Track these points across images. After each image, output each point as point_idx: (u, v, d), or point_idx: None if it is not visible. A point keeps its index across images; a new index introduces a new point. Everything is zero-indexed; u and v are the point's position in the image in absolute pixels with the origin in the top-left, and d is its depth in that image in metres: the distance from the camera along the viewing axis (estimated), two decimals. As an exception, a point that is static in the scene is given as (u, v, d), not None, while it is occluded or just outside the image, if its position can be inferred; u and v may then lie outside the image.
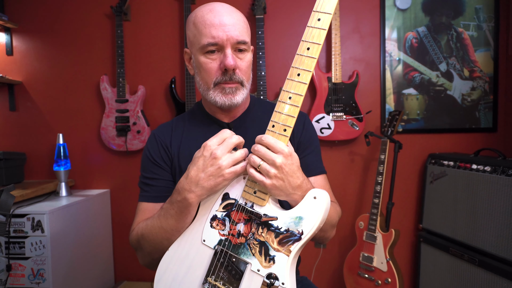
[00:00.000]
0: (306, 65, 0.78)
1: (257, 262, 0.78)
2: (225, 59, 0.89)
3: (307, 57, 0.78)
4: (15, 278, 1.77)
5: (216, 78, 0.91)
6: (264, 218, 0.80)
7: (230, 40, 0.89)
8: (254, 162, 0.78)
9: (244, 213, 0.82)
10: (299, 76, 0.78)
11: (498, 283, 1.58)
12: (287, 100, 0.78)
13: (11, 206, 1.17)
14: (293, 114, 0.78)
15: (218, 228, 0.83)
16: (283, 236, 0.77)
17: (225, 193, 0.85)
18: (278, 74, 2.20)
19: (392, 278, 1.84)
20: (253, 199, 0.81)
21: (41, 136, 2.34)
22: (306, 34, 0.78)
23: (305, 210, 0.77)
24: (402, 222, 2.18)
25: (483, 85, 2.11)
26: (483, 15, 2.09)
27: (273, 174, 0.76)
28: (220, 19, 0.88)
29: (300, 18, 2.17)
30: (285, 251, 0.77)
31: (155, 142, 1.03)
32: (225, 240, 0.82)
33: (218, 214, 0.84)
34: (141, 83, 2.23)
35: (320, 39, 0.77)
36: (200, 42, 0.90)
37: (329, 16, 0.76)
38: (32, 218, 1.76)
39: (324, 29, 0.76)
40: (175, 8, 2.23)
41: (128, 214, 2.31)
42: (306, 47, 0.78)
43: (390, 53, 2.15)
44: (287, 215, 0.78)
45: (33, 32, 2.30)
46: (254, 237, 0.80)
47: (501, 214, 1.60)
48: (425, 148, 2.15)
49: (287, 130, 0.78)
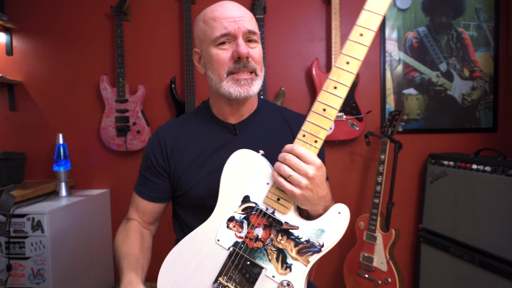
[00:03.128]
0: (344, 79, 0.76)
1: (273, 268, 0.78)
2: (238, 47, 0.89)
3: (346, 71, 0.76)
4: (15, 278, 1.77)
5: (228, 68, 0.91)
6: (285, 226, 0.80)
7: (242, 29, 0.90)
8: (284, 172, 0.76)
9: (265, 218, 0.81)
10: (336, 90, 0.76)
11: (498, 283, 1.57)
12: (321, 111, 0.77)
13: (11, 206, 1.17)
14: (326, 127, 0.76)
15: (235, 229, 0.83)
16: (302, 246, 0.78)
17: (246, 195, 0.83)
18: (278, 74, 2.20)
19: (392, 278, 1.84)
20: (276, 206, 0.80)
21: (41, 136, 2.34)
22: (346, 47, 0.75)
23: (328, 224, 0.78)
24: (402, 222, 2.18)
25: (483, 85, 2.11)
26: (483, 15, 2.09)
27: (305, 185, 0.76)
28: (230, 12, 0.91)
29: (300, 18, 2.17)
30: (304, 261, 0.77)
31: (158, 145, 1.03)
32: (241, 243, 0.81)
33: (236, 216, 0.83)
34: (141, 83, 2.23)
35: (361, 55, 0.75)
36: (212, 35, 0.91)
37: (373, 33, 0.74)
38: (32, 218, 1.76)
39: (366, 46, 0.74)
40: (175, 8, 2.23)
41: (128, 214, 2.31)
42: (345, 61, 0.75)
43: (390, 53, 2.15)
44: (309, 226, 0.79)
45: (33, 32, 2.30)
46: (272, 243, 0.80)
47: (501, 214, 1.60)
48: (425, 148, 2.15)
49: (318, 142, 0.77)
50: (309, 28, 2.18)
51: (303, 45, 2.19)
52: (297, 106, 2.15)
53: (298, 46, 2.19)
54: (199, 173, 0.99)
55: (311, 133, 0.77)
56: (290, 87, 2.18)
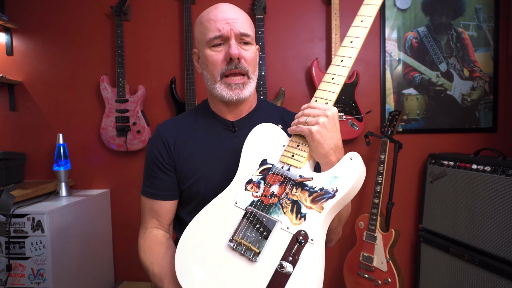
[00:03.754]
0: (349, 53, 0.89)
1: (287, 219, 0.78)
2: (229, 48, 0.93)
3: (350, 47, 0.89)
4: (15, 278, 1.77)
5: (221, 69, 0.94)
6: (299, 179, 0.81)
7: (234, 31, 0.93)
8: (302, 119, 0.83)
9: (280, 175, 0.84)
10: (342, 62, 0.89)
11: (498, 283, 1.58)
12: (330, 80, 0.88)
13: (11, 206, 1.17)
14: (335, 91, 0.86)
15: (252, 190, 0.85)
16: (316, 194, 0.78)
17: (264, 159, 0.88)
18: (278, 74, 2.20)
19: (392, 278, 1.84)
20: (290, 161, 0.84)
21: (41, 136, 2.34)
22: (350, 31, 0.91)
23: (341, 170, 0.79)
24: (402, 222, 2.18)
25: (483, 85, 2.11)
26: (483, 15, 2.09)
27: (322, 122, 0.80)
28: (223, 14, 0.94)
29: (300, 18, 2.17)
30: (318, 208, 0.77)
31: (160, 141, 1.03)
32: (257, 201, 0.83)
33: (254, 178, 0.86)
34: (141, 83, 2.23)
35: (363, 34, 0.90)
36: (207, 37, 0.95)
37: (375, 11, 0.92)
38: (32, 218, 1.76)
39: (366, 28, 0.91)
40: (175, 8, 2.23)
41: (128, 214, 2.31)
42: (349, 41, 0.90)
43: (390, 53, 2.15)
44: (322, 176, 0.80)
45: (33, 32, 2.30)
46: (287, 197, 0.80)
47: (501, 214, 1.60)
48: (425, 148, 2.15)
49: (329, 103, 0.85)
50: (309, 28, 2.18)
51: (303, 45, 2.19)
52: (297, 106, 2.15)
53: (298, 46, 2.19)
54: (200, 170, 1.00)
55: (322, 97, 0.86)
56: (290, 87, 2.18)
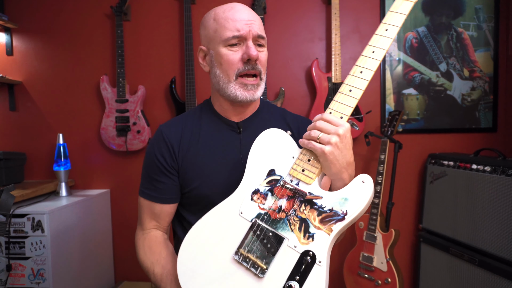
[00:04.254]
0: (369, 64, 0.85)
1: (295, 238, 0.77)
2: (249, 49, 0.93)
3: (371, 59, 0.85)
4: (15, 278, 1.77)
5: (238, 69, 0.94)
6: (309, 196, 0.80)
7: (253, 33, 0.94)
8: (314, 134, 0.80)
9: (288, 190, 0.82)
10: (362, 74, 0.85)
11: (498, 283, 1.58)
12: (348, 92, 0.84)
13: (11, 206, 1.17)
14: (352, 105, 0.83)
15: (259, 201, 0.83)
16: (326, 215, 0.77)
17: (271, 169, 0.85)
18: (278, 74, 2.20)
19: (392, 278, 1.84)
20: (300, 176, 0.82)
21: (41, 136, 2.34)
22: (373, 40, 0.85)
23: (351, 192, 0.78)
24: (402, 222, 2.18)
25: (483, 85, 2.11)
26: (483, 15, 2.09)
27: (334, 142, 0.78)
28: (242, 15, 0.95)
29: (300, 18, 2.17)
30: (327, 230, 0.76)
31: (164, 144, 1.01)
32: (264, 214, 0.81)
33: (260, 188, 0.84)
34: (141, 83, 2.23)
35: (386, 45, 0.85)
36: (223, 35, 0.94)
37: (401, 21, 0.85)
38: (32, 218, 1.76)
39: (391, 38, 0.84)
40: (175, 8, 2.23)
41: (128, 214, 2.31)
42: (371, 51, 0.85)
43: (390, 53, 2.15)
44: (333, 196, 0.79)
45: (33, 32, 2.30)
46: (295, 214, 0.79)
47: (501, 214, 1.60)
48: (425, 148, 2.15)
49: (344, 118, 0.82)
50: (309, 28, 2.18)
51: (303, 45, 2.19)
52: (297, 106, 2.16)
53: (298, 46, 2.19)
54: (205, 171, 0.99)
55: (337, 110, 0.83)
56: (290, 87, 2.18)
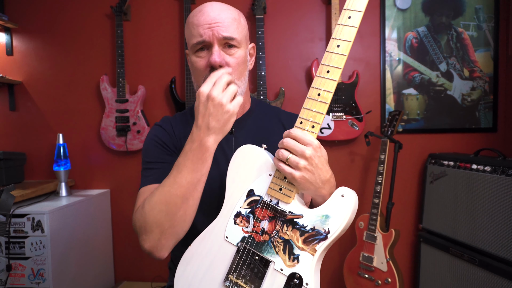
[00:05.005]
0: (336, 62, 0.77)
1: (281, 260, 0.77)
2: (210, 56, 0.89)
3: (337, 54, 0.77)
4: (15, 278, 1.77)
5: (204, 76, 0.89)
6: (290, 216, 0.78)
7: (216, 36, 0.88)
8: (282, 156, 0.76)
9: (269, 210, 0.80)
10: (329, 73, 0.78)
11: (498, 283, 1.58)
12: (316, 96, 0.78)
13: (11, 206, 1.17)
14: (322, 111, 0.77)
15: (242, 225, 0.82)
16: (308, 234, 0.76)
17: (250, 189, 0.83)
18: (278, 74, 2.20)
19: (392, 278, 1.84)
20: (278, 196, 0.80)
21: (41, 136, 2.34)
22: (336, 31, 0.78)
23: (332, 209, 0.76)
24: (402, 222, 2.18)
25: (483, 85, 2.11)
26: (483, 15, 2.09)
27: (303, 166, 0.74)
28: (206, 18, 0.89)
29: (300, 18, 2.17)
30: (310, 250, 0.75)
31: (161, 129, 1.01)
32: (248, 237, 0.80)
33: (242, 211, 0.83)
34: (141, 83, 2.23)
35: (351, 36, 0.77)
36: (190, 42, 0.92)
37: (360, 14, 0.77)
38: (32, 218, 1.76)
39: (355, 27, 0.77)
40: (175, 8, 2.23)
41: (128, 214, 2.31)
42: (336, 45, 0.78)
43: (390, 53, 2.15)
44: (313, 213, 0.77)
45: (33, 32, 2.30)
46: (278, 235, 0.78)
47: (501, 214, 1.60)
48: (425, 148, 2.15)
49: (315, 126, 0.78)
50: (309, 28, 2.18)
51: (303, 45, 2.19)
52: (297, 106, 2.15)
53: (298, 46, 2.19)
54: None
55: (307, 118, 0.78)
56: (290, 87, 2.18)
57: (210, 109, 0.80)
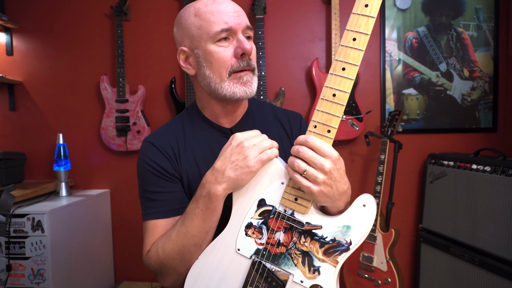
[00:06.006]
0: (352, 58, 0.68)
1: (300, 273, 0.74)
2: (242, 43, 0.83)
3: (354, 48, 0.68)
4: (15, 278, 1.77)
5: (231, 66, 0.85)
6: (307, 227, 0.74)
7: (242, 24, 0.84)
8: (299, 167, 0.70)
9: (284, 221, 0.76)
10: (344, 71, 0.69)
11: (498, 283, 1.58)
12: (331, 97, 0.70)
13: (11, 206, 1.17)
14: (338, 114, 0.70)
15: (255, 236, 0.77)
16: (329, 246, 0.73)
17: (261, 198, 0.78)
18: (278, 74, 2.20)
19: (392, 278, 1.84)
20: (294, 206, 0.75)
21: (41, 136, 2.34)
22: (351, 22, 0.68)
23: (353, 219, 0.72)
24: (402, 222, 2.18)
25: (483, 85, 2.11)
26: (483, 15, 2.09)
27: (322, 181, 0.69)
28: (226, 7, 0.85)
29: (300, 18, 2.17)
30: (332, 262, 0.72)
31: (156, 150, 0.91)
32: (263, 250, 0.76)
33: (253, 222, 0.78)
34: (141, 83, 2.23)
35: (368, 28, 0.68)
36: (211, 30, 0.83)
37: (379, 1, 0.67)
38: (32, 218, 1.76)
39: (373, 17, 0.67)
40: (175, 8, 2.23)
41: (128, 214, 2.31)
42: (352, 37, 0.68)
43: (390, 53, 2.15)
44: (333, 224, 0.73)
45: (33, 32, 2.30)
46: (296, 247, 0.74)
47: (501, 214, 1.60)
48: (425, 148, 2.15)
49: (331, 131, 0.71)
50: (309, 28, 2.18)
51: (303, 45, 2.19)
52: (297, 106, 2.16)
53: (298, 46, 2.19)
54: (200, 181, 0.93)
55: (323, 122, 0.71)
56: (290, 87, 2.18)
57: (234, 156, 0.76)
